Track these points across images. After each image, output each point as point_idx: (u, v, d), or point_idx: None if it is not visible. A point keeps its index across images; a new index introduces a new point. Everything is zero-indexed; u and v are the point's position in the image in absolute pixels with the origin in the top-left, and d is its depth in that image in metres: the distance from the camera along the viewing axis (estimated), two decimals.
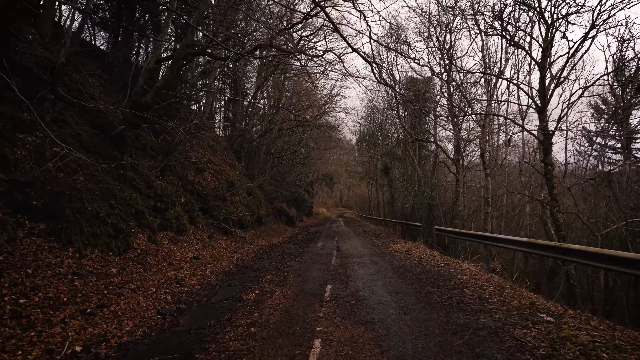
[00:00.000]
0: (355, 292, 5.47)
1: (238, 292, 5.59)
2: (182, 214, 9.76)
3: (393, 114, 28.51)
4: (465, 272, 6.81)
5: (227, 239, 11.84)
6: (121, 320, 3.96)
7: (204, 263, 7.98)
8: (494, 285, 5.50)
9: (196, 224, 10.78)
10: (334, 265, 8.05)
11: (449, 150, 19.85)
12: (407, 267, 7.54)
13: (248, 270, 7.72)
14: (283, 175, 24.30)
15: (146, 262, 6.60)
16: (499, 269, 10.63)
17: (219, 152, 17.74)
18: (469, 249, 11.26)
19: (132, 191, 7.90)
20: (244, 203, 15.56)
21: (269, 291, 5.62)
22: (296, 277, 6.81)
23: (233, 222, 13.70)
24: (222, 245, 10.69)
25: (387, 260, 8.78)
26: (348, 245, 12.58)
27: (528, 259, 16.09)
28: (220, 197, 13.67)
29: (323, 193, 64.56)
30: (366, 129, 38.66)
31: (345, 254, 10.14)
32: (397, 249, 10.82)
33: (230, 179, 15.30)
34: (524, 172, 19.82)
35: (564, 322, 3.72)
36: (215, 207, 12.92)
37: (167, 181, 10.56)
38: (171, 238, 8.63)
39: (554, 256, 5.71)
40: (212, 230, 11.71)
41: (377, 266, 7.83)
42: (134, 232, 7.19)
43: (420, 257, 8.88)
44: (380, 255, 9.77)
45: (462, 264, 7.96)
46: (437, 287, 5.61)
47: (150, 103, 8.18)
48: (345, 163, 63.91)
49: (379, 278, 6.50)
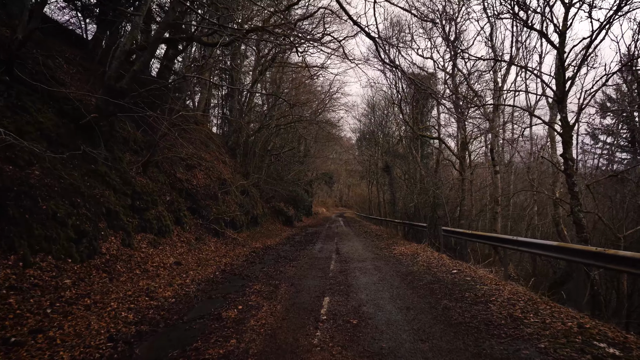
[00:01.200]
0: (357, 307, 4.57)
1: (218, 307, 4.68)
2: (165, 214, 8.85)
3: (394, 110, 27.66)
4: (484, 280, 5.91)
5: (217, 241, 10.94)
6: (55, 351, 3.06)
7: (186, 269, 7.07)
8: (522, 299, 4.60)
9: (183, 225, 9.89)
10: (333, 272, 7.15)
11: (454, 147, 18.96)
12: (416, 274, 6.64)
13: (235, 277, 6.82)
14: (280, 174, 23.39)
15: (114, 269, 5.69)
16: (513, 273, 9.75)
17: (212, 149, 16.84)
18: (479, 252, 10.37)
19: (104, 188, 6.99)
20: (238, 202, 14.66)
21: (254, 306, 4.72)
22: (289, 286, 5.91)
23: (225, 223, 12.81)
24: (210, 248, 9.79)
25: (392, 265, 7.88)
26: (348, 247, 11.69)
27: (536, 261, 15.20)
28: (212, 195, 12.77)
29: (322, 192, 63.74)
30: (366, 127, 37.81)
31: (345, 257, 9.25)
32: (402, 252, 9.93)
33: (223, 176, 14.40)
34: (531, 170, 18.96)
35: (635, 357, 2.83)
36: (205, 206, 12.03)
37: (151, 178, 9.66)
38: (151, 241, 7.72)
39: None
40: (200, 231, 10.81)
41: (381, 273, 6.93)
42: (103, 234, 6.28)
43: (428, 262, 7.98)
44: (384, 259, 8.87)
45: (477, 269, 7.06)
46: (455, 300, 4.71)
47: (127, 89, 7.27)
48: (345, 162, 63.02)
49: (384, 288, 5.60)
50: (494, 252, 12.20)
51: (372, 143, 36.43)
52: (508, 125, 18.31)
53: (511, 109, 17.00)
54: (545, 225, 18.32)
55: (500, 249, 8.50)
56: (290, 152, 24.03)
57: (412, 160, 20.97)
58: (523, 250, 6.59)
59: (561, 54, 8.61)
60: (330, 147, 40.09)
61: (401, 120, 21.54)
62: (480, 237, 7.89)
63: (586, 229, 8.62)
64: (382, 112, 32.26)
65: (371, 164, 37.06)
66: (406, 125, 18.58)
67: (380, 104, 32.15)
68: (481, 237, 7.81)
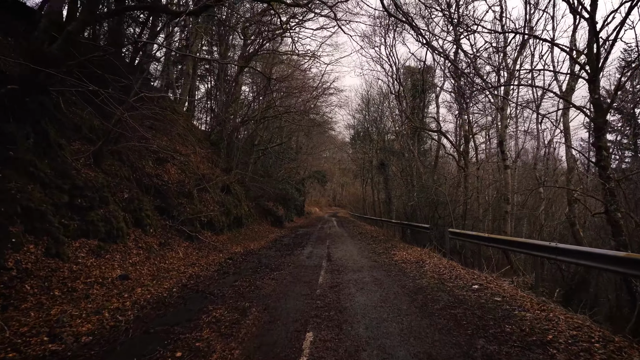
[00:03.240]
0: (354, 353, 3.09)
1: (148, 353, 3.16)
2: (119, 214, 7.27)
3: (390, 104, 26.28)
4: (519, 301, 4.48)
5: (188, 246, 9.38)
6: None
7: (133, 286, 5.52)
8: (595, 339, 3.16)
9: (144, 228, 8.31)
10: (322, 288, 5.66)
11: (456, 141, 17.59)
12: (428, 292, 5.18)
13: (196, 296, 5.29)
14: (268, 170, 21.82)
15: (18, 291, 4.13)
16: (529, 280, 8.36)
17: (192, 142, 15.23)
18: (492, 258, 8.97)
19: (26, 181, 5.40)
20: (218, 201, 13.08)
21: (203, 350, 3.21)
22: (261, 311, 4.40)
23: (201, 224, 11.24)
24: (177, 255, 8.23)
25: (395, 277, 6.41)
26: (342, 252, 10.22)
27: (544, 264, 13.89)
28: (186, 193, 11.19)
29: (315, 192, 62.37)
30: (360, 123, 36.46)
31: (338, 265, 7.77)
32: (404, 258, 8.48)
33: (201, 172, 12.82)
34: (537, 166, 17.71)
35: None
36: (177, 205, 10.45)
37: (106, 171, 8.06)
38: (93, 248, 6.14)
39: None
40: (169, 234, 9.23)
41: (382, 289, 5.46)
42: (14, 242, 4.70)
43: (438, 272, 6.54)
44: (384, 267, 7.41)
45: (501, 284, 5.63)
46: (495, 340, 3.25)
47: (59, 55, 5.69)
48: (339, 161, 61.69)
49: (390, 316, 4.13)
50: (506, 258, 10.84)
51: (367, 140, 35.06)
52: (517, 116, 17.01)
53: (519, 99, 15.68)
54: (550, 226, 17.06)
55: (510, 254, 7.09)
56: (278, 147, 22.44)
57: (409, 156, 19.60)
58: (565, 261, 5.18)
59: (593, 21, 7.24)
60: (322, 144, 38.60)
61: (400, 112, 20.11)
62: (502, 242, 6.45)
63: (624, 231, 7.27)
64: (377, 107, 30.92)
65: (365, 161, 35.68)
66: (405, 118, 17.15)
67: (375, 99, 30.83)
68: (504, 242, 6.37)
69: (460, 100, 14.58)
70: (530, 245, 5.40)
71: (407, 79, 23.80)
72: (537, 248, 5.23)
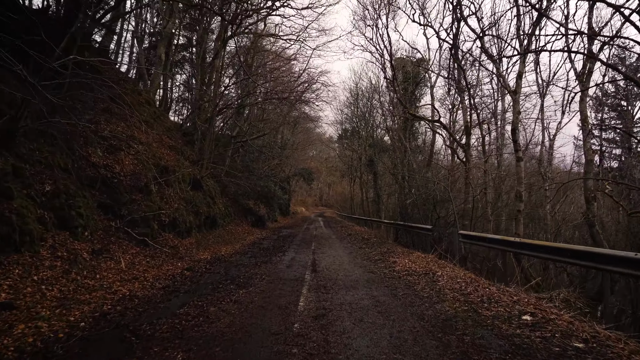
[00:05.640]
0: None
1: None
2: (28, 212, 5.33)
3: (381, 97, 24.74)
4: (602, 343, 2.84)
5: (138, 253, 7.46)
6: None
7: (16, 320, 3.63)
8: None
9: (74, 230, 6.37)
10: (302, 319, 3.91)
11: (452, 131, 16.11)
12: (460, 326, 3.49)
13: (109, 337, 3.45)
14: (249, 166, 19.90)
15: None
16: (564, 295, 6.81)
17: (157, 130, 13.22)
18: (518, 268, 7.39)
19: None
20: (185, 197, 11.15)
21: None
22: None
23: (161, 225, 9.33)
24: (117, 266, 6.31)
25: (404, 298, 4.71)
26: (330, 258, 8.50)
27: (549, 268, 12.49)
28: (142, 187, 9.24)
29: (302, 190, 60.67)
30: (349, 118, 34.93)
31: (325, 278, 6.04)
32: (408, 268, 6.81)
33: (163, 163, 10.86)
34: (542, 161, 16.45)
35: None
36: (129, 202, 8.52)
37: (20, 155, 6.11)
38: None
39: None
40: (112, 238, 7.30)
41: (391, 321, 3.75)
42: None
43: (460, 290, 4.88)
44: (386, 282, 5.71)
45: (554, 310, 4.00)
46: None
47: None
48: (326, 160, 60.10)
49: None
50: (516, 264, 9.30)
51: (355, 136, 33.50)
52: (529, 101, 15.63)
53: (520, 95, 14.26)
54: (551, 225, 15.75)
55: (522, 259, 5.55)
56: (261, 140, 20.53)
57: (402, 151, 18.06)
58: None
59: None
60: (309, 140, 36.89)
61: (392, 100, 18.54)
62: (547, 250, 4.80)
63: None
64: (366, 101, 29.39)
65: (354, 159, 34.13)
66: (400, 105, 15.56)
67: (365, 92, 29.30)
68: (551, 251, 4.73)
69: (462, 85, 13.07)
70: (602, 257, 3.77)
71: (399, 70, 22.29)
72: (614, 261, 3.61)
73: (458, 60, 12.45)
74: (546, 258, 5.29)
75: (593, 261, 3.90)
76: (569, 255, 4.34)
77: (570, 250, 4.31)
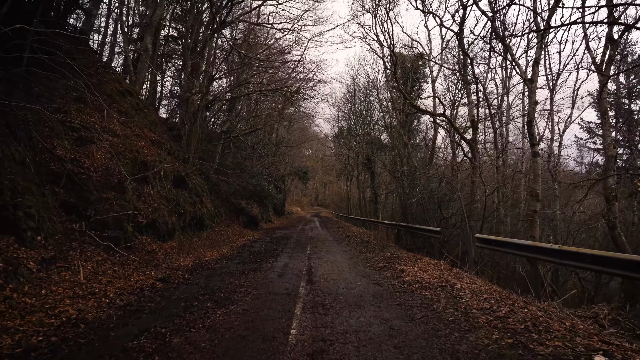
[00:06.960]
0: None
1: None
2: None
3: (379, 93, 23.79)
4: None
5: (104, 260, 6.39)
6: None
7: None
8: None
9: (22, 234, 5.29)
10: (294, 356, 2.90)
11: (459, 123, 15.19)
12: None
13: None
14: (241, 164, 18.82)
15: None
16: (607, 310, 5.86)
17: (139, 122, 12.11)
18: (544, 278, 6.44)
19: None
20: (167, 196, 10.07)
21: None
22: None
23: (137, 227, 8.25)
24: (73, 278, 5.24)
25: (423, 323, 3.72)
26: (327, 265, 7.49)
27: (578, 276, 11.58)
28: (114, 185, 8.16)
29: (297, 190, 59.71)
30: (346, 115, 33.95)
31: (323, 292, 5.03)
32: (419, 279, 5.82)
33: (142, 158, 9.78)
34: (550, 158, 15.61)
35: None
36: (98, 201, 7.45)
37: None
38: None
39: None
40: (73, 243, 6.23)
41: None
42: None
43: (491, 310, 3.91)
44: (397, 299, 4.71)
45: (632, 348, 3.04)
46: None
47: None
48: (322, 159, 59.06)
49: None
50: (532, 271, 8.35)
51: (352, 134, 32.51)
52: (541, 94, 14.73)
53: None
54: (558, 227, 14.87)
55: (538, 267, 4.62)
56: (254, 136, 19.46)
57: (402, 148, 17.10)
58: None
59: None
60: (305, 138, 35.86)
61: (391, 90, 17.59)
62: (598, 261, 3.83)
63: None
64: (364, 97, 28.44)
65: (350, 158, 33.14)
66: (402, 96, 14.59)
67: (362, 89, 28.36)
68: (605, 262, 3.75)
69: (468, 77, 12.14)
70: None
71: (399, 65, 21.37)
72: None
73: (464, 48, 11.52)
74: (598, 271, 4.32)
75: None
76: (634, 269, 3.38)
77: (634, 262, 3.34)
